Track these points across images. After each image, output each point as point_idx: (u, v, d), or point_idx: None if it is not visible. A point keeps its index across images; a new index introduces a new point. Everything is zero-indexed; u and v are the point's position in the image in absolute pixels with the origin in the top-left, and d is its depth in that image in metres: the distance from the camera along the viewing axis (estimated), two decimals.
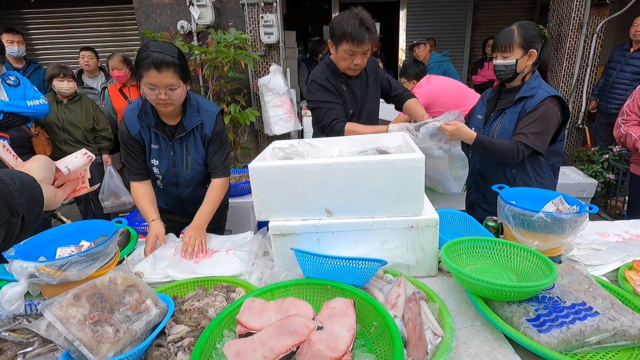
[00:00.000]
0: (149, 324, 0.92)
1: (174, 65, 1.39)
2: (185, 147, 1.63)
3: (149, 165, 1.65)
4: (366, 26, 1.65)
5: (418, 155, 1.13)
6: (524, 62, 1.63)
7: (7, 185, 0.61)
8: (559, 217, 1.14)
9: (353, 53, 1.73)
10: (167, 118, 1.59)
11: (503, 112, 1.73)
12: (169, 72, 1.38)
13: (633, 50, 3.75)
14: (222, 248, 1.48)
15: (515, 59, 1.62)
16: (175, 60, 1.40)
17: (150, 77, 1.37)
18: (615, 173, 3.65)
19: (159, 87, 1.40)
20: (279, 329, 0.86)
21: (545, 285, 0.91)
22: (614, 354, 0.87)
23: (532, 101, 1.62)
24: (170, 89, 1.41)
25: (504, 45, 1.63)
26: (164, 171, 1.65)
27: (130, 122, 1.57)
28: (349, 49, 1.71)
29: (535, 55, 1.63)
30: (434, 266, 1.22)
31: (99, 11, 5.13)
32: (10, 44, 3.56)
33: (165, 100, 1.43)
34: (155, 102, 1.45)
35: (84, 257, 1.04)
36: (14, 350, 0.92)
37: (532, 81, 1.67)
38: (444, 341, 0.86)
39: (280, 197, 1.18)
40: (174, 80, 1.40)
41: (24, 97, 2.82)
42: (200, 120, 1.59)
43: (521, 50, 1.61)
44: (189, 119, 1.58)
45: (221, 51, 3.52)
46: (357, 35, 1.65)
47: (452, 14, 6.50)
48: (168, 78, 1.38)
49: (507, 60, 1.63)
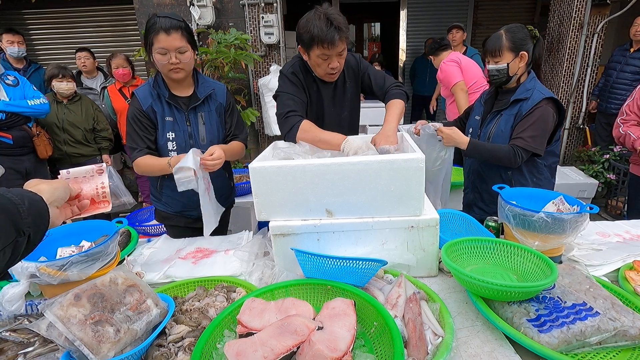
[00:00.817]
0: (150, 324, 0.92)
1: (181, 29, 1.47)
2: (200, 117, 1.65)
3: (163, 141, 1.63)
4: (335, 25, 1.48)
5: (418, 155, 1.13)
6: (516, 64, 1.64)
7: (17, 205, 0.61)
8: (560, 217, 1.14)
9: (327, 57, 1.55)
10: (179, 90, 1.63)
11: (499, 113, 1.73)
12: (177, 34, 1.45)
13: (633, 50, 3.75)
14: (220, 248, 1.48)
15: (506, 63, 1.63)
16: (182, 24, 1.48)
17: (160, 41, 1.44)
18: (616, 173, 3.65)
19: (169, 51, 1.46)
20: (280, 329, 0.86)
21: (546, 285, 0.91)
22: (615, 354, 0.87)
23: (527, 104, 1.62)
24: (179, 51, 1.48)
25: (493, 51, 1.65)
26: (180, 144, 1.64)
27: (142, 97, 1.59)
28: (321, 54, 1.54)
29: (526, 56, 1.63)
30: (434, 266, 1.22)
31: (99, 11, 5.13)
32: (10, 45, 3.56)
33: (177, 64, 1.49)
34: (167, 68, 1.50)
35: (85, 257, 1.04)
36: (14, 350, 0.92)
37: (527, 83, 1.67)
38: (445, 341, 0.86)
39: (280, 197, 1.18)
40: (183, 43, 1.48)
41: (24, 96, 2.82)
42: (213, 89, 1.67)
43: (511, 54, 1.62)
44: (202, 88, 1.65)
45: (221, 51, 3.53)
46: (326, 37, 1.48)
47: (452, 14, 6.49)
48: (177, 40, 1.45)
49: (499, 64, 1.64)
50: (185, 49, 1.49)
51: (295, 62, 1.72)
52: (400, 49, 6.74)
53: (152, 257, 1.45)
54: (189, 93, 1.64)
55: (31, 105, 2.80)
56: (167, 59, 1.47)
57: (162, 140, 1.63)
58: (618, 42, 4.79)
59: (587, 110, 4.40)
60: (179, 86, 1.62)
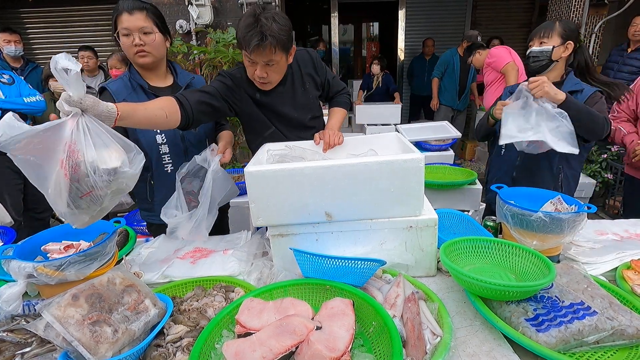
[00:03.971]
0: (148, 324, 0.92)
1: (146, 10, 1.41)
2: None
3: (149, 135, 1.54)
4: (261, 29, 1.28)
5: (418, 156, 1.13)
6: (560, 51, 1.63)
7: None
8: (558, 216, 1.14)
9: (251, 62, 1.39)
10: (156, 80, 1.55)
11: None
12: (141, 14, 1.39)
13: (631, 50, 3.76)
14: (218, 248, 1.48)
15: (552, 46, 1.62)
16: (147, 5, 1.42)
17: (122, 21, 1.38)
18: (614, 173, 3.66)
19: (132, 31, 1.39)
20: (278, 329, 0.86)
21: (544, 284, 0.91)
22: (612, 353, 0.87)
23: (582, 96, 1.61)
24: (144, 32, 1.40)
25: (543, 31, 1.64)
26: (169, 135, 1.56)
27: (114, 90, 1.48)
28: (247, 58, 1.39)
29: (571, 48, 1.64)
30: (432, 266, 1.23)
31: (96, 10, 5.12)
32: (7, 44, 3.55)
33: (141, 46, 1.40)
34: (132, 51, 1.42)
35: (82, 257, 1.04)
36: (12, 350, 0.92)
37: (572, 77, 1.67)
38: (443, 341, 0.87)
39: (277, 201, 1.15)
40: (147, 23, 1.40)
41: (19, 94, 2.80)
42: (193, 77, 1.62)
43: (559, 39, 1.62)
44: (182, 76, 1.60)
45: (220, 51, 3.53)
46: (248, 41, 1.30)
47: (451, 13, 6.51)
48: (140, 20, 1.38)
49: (544, 46, 1.63)
50: (150, 31, 1.41)
51: (240, 68, 1.55)
52: (398, 48, 6.74)
53: (150, 257, 1.44)
54: (168, 83, 1.58)
55: (27, 102, 2.79)
56: (130, 40, 1.39)
57: (148, 134, 1.53)
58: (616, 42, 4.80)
59: None
60: (154, 76, 1.54)
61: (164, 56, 1.54)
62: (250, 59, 1.39)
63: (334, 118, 1.68)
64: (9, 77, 2.83)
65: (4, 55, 3.63)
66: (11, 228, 1.58)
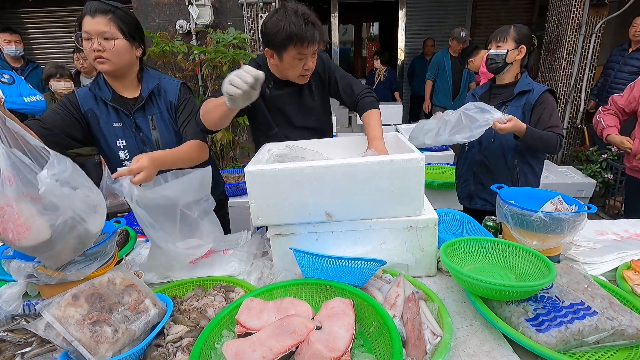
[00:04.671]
0: (148, 324, 0.92)
1: (111, 13, 1.30)
2: (150, 121, 1.47)
3: (114, 149, 1.47)
4: (312, 22, 1.39)
5: (418, 155, 1.13)
6: (514, 55, 1.80)
7: None
8: (558, 217, 1.14)
9: (303, 57, 1.43)
10: (124, 90, 1.45)
11: (503, 105, 1.85)
12: (103, 18, 1.28)
13: (632, 51, 3.76)
14: (218, 248, 1.48)
15: (506, 49, 1.80)
16: (112, 8, 1.30)
17: (84, 24, 1.28)
18: (614, 173, 3.66)
19: (92, 36, 1.28)
20: (278, 329, 0.86)
21: (544, 285, 0.91)
22: (612, 353, 0.87)
23: (533, 95, 1.78)
24: (104, 37, 1.29)
25: (499, 36, 1.82)
26: (133, 151, 1.47)
27: (82, 98, 1.43)
28: (297, 54, 1.41)
29: (524, 51, 1.80)
30: (432, 266, 1.22)
31: None
32: (7, 44, 3.55)
33: (99, 52, 1.30)
34: (91, 57, 1.32)
35: (82, 257, 1.04)
36: (12, 350, 0.92)
37: (525, 78, 1.84)
38: (443, 341, 0.86)
39: (278, 201, 1.15)
40: (108, 28, 1.29)
41: (19, 94, 2.80)
42: (158, 82, 1.47)
43: (513, 43, 1.80)
44: (146, 85, 1.46)
45: (220, 51, 3.52)
46: (306, 35, 1.36)
47: (451, 13, 6.51)
48: (101, 24, 1.28)
49: (500, 50, 1.81)
50: (111, 36, 1.29)
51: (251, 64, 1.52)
52: (398, 48, 6.74)
53: None
54: (136, 94, 1.46)
55: (27, 102, 2.79)
56: (89, 45, 1.29)
57: (114, 149, 1.47)
58: (616, 42, 4.80)
59: (585, 110, 4.41)
60: (121, 86, 1.44)
61: (129, 64, 1.41)
62: (302, 55, 1.42)
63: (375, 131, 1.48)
64: (9, 76, 2.84)
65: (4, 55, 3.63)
66: None
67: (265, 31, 1.42)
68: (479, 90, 2.01)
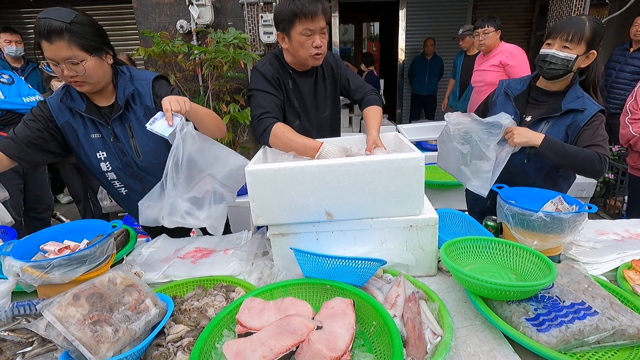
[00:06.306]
0: (149, 323, 0.92)
1: (67, 32, 1.14)
2: (128, 129, 1.39)
3: (95, 162, 1.41)
4: None
5: (418, 155, 1.13)
6: (581, 61, 1.40)
7: None
8: (558, 216, 1.14)
9: (310, 33, 1.44)
10: (99, 99, 1.37)
11: (546, 120, 1.49)
12: (61, 42, 1.14)
13: (633, 50, 3.75)
14: (219, 247, 1.48)
15: (576, 55, 1.37)
16: (65, 25, 1.13)
17: (44, 50, 1.16)
18: (614, 173, 3.65)
19: (58, 63, 1.17)
20: (278, 328, 0.86)
21: (545, 284, 0.91)
22: (613, 353, 0.87)
23: (583, 116, 1.42)
24: (70, 62, 1.17)
25: (571, 34, 1.36)
26: (114, 163, 1.42)
27: (57, 111, 1.33)
28: (304, 29, 1.43)
29: (592, 58, 1.41)
30: (433, 266, 1.22)
31: (97, 10, 5.12)
32: (8, 44, 3.55)
33: (73, 77, 1.21)
34: (68, 81, 1.24)
35: (67, 261, 1.02)
36: (13, 350, 0.92)
37: (577, 89, 1.46)
38: (443, 341, 0.86)
39: (278, 200, 1.15)
40: (71, 52, 1.16)
41: (19, 94, 2.80)
42: (133, 90, 1.37)
43: (585, 47, 1.37)
44: (122, 91, 1.36)
45: (220, 51, 3.52)
46: (309, 8, 1.39)
47: (451, 13, 6.50)
48: (62, 50, 1.15)
49: (568, 52, 1.37)
50: (76, 59, 1.17)
51: (271, 58, 1.61)
52: (399, 48, 6.74)
53: (151, 256, 1.44)
54: (111, 100, 1.38)
55: (27, 102, 2.78)
56: (59, 70, 1.19)
57: (94, 162, 1.40)
58: (617, 41, 4.79)
59: None
60: (96, 95, 1.35)
61: (104, 76, 1.31)
62: (309, 30, 1.44)
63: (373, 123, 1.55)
64: (9, 76, 2.83)
65: (4, 56, 3.63)
66: (12, 228, 1.59)
67: (275, 15, 1.50)
68: (514, 87, 1.61)
